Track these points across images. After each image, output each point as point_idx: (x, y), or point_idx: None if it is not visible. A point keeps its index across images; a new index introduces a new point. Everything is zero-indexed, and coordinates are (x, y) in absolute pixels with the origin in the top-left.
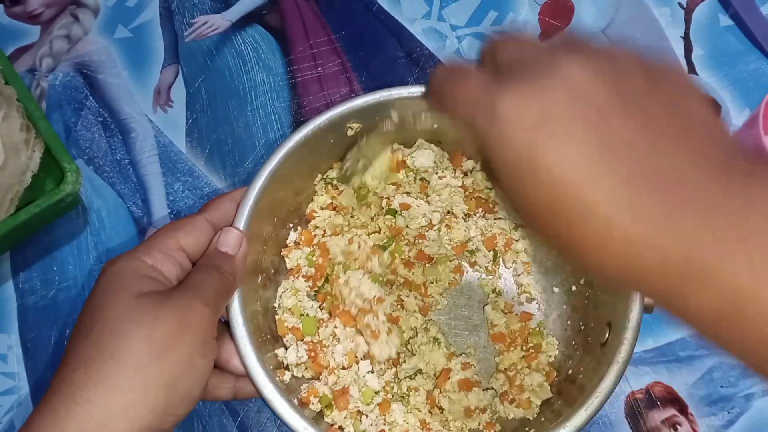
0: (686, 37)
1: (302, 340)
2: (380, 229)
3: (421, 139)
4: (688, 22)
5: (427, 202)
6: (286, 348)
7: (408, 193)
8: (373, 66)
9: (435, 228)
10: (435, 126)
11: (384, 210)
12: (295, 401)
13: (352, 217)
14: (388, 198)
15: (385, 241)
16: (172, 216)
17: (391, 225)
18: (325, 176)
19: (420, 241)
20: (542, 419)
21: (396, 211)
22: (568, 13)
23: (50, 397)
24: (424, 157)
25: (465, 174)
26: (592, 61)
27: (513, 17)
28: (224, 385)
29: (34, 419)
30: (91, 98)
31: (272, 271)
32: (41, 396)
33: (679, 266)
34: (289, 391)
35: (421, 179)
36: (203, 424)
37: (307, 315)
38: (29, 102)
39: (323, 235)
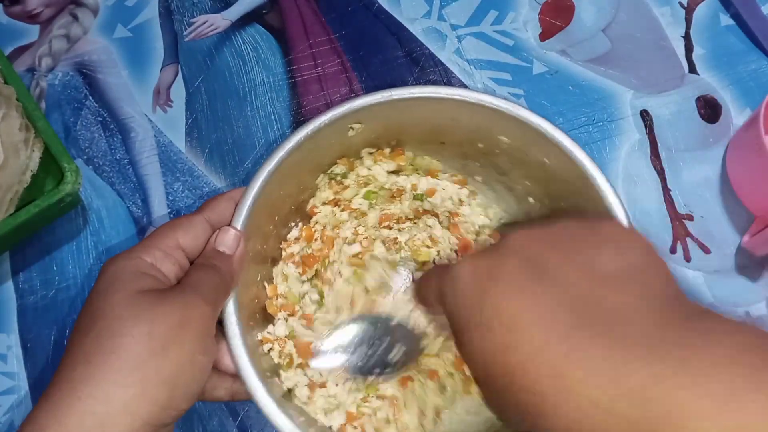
0: (687, 37)
1: (293, 315)
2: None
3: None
4: (688, 21)
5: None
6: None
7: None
8: (373, 66)
9: (466, 203)
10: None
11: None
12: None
13: (356, 219)
14: (413, 184)
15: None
16: (171, 215)
17: (418, 208)
18: (329, 172)
19: (455, 219)
20: None
21: (423, 196)
22: (569, 12)
23: (51, 394)
24: None
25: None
26: (535, 229)
27: (513, 16)
28: (222, 386)
29: (34, 415)
30: (90, 98)
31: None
32: (40, 396)
33: (630, 425)
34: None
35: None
36: (203, 424)
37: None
38: (28, 101)
39: (324, 230)
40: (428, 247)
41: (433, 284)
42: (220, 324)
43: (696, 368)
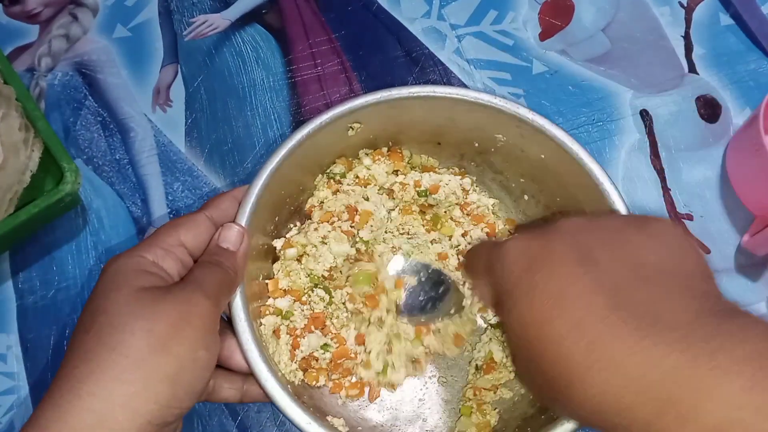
0: (686, 37)
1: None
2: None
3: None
4: (688, 21)
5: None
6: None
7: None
8: (372, 65)
9: (471, 190)
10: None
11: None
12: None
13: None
14: (416, 180)
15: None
16: (171, 215)
17: (424, 203)
18: (327, 171)
19: (468, 209)
20: (543, 417)
21: (427, 192)
22: (568, 12)
23: (52, 392)
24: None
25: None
26: (584, 219)
27: (513, 16)
28: (232, 386)
29: (37, 414)
30: (90, 98)
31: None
32: (41, 396)
33: (657, 403)
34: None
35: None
36: (203, 424)
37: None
38: (28, 101)
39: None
40: (454, 220)
41: (483, 255)
42: (229, 321)
43: (728, 358)
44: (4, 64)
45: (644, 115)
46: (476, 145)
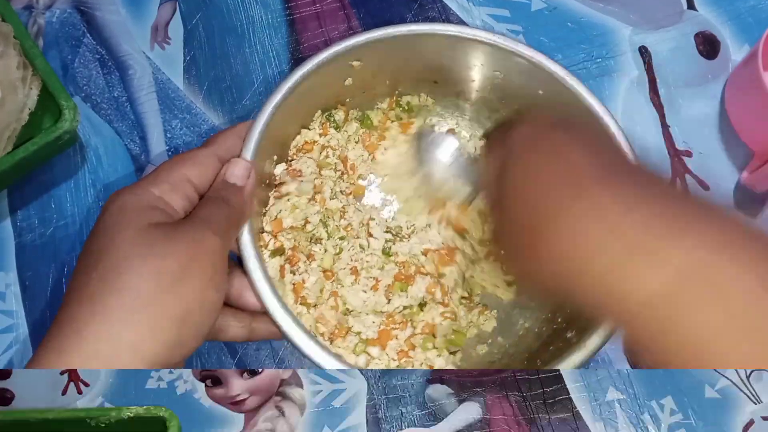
0: None
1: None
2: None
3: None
4: None
5: None
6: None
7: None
8: (371, 2)
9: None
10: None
11: None
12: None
13: None
14: None
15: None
16: (170, 153)
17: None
18: (329, 114)
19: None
20: (551, 348)
21: None
22: None
23: (55, 334)
24: None
25: None
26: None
27: None
28: (240, 324)
29: (39, 356)
30: (88, 35)
31: None
32: (40, 334)
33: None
34: None
35: None
36: (202, 362)
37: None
38: (26, 39)
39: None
40: None
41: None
42: (237, 260)
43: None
44: (1, 2)
45: (643, 51)
46: (473, 82)
